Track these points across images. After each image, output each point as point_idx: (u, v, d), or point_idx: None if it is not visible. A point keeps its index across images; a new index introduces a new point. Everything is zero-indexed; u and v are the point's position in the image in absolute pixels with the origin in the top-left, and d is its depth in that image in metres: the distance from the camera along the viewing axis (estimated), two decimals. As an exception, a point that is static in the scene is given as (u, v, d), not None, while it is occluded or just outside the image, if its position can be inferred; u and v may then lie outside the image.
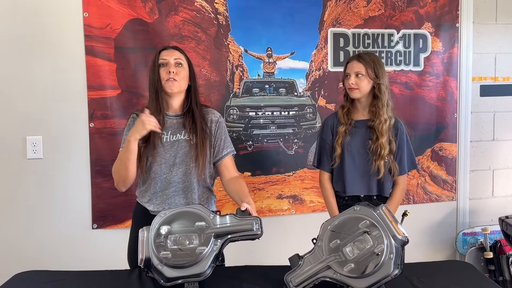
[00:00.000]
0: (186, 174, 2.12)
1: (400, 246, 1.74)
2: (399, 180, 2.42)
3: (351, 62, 2.35)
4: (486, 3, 3.44)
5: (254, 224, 1.75)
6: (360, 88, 2.32)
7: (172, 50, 2.15)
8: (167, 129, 2.12)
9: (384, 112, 2.32)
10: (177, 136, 2.12)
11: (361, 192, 2.39)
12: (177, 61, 2.11)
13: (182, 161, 2.11)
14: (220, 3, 2.96)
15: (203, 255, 1.69)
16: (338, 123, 2.42)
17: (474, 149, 3.54)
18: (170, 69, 2.07)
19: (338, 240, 1.75)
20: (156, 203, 2.12)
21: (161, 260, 1.67)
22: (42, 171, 2.80)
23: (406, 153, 2.43)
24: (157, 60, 2.11)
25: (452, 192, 3.52)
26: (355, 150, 2.37)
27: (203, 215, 1.75)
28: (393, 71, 3.29)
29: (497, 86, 3.53)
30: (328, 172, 2.47)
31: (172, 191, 2.12)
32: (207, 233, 1.72)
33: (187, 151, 2.11)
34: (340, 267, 1.70)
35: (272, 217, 3.17)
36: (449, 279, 1.91)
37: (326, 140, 2.45)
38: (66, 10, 2.76)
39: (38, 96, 2.76)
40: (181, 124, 2.14)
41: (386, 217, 1.75)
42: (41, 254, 2.81)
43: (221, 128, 2.20)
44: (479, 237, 3.49)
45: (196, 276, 1.68)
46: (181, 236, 1.71)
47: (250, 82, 3.08)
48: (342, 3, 3.17)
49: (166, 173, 2.11)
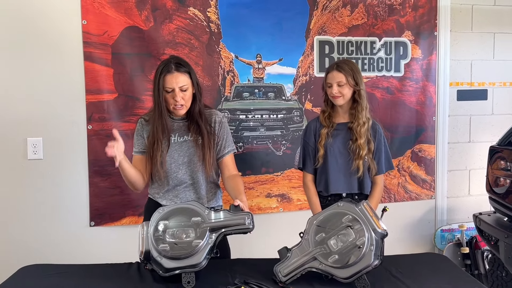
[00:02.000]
0: (194, 171, 2.26)
1: (380, 239, 1.90)
2: (377, 180, 2.57)
3: (331, 72, 2.47)
4: (462, 13, 3.64)
5: (246, 219, 1.90)
6: (344, 95, 2.46)
7: (175, 73, 2.15)
8: (174, 131, 2.25)
9: (363, 115, 2.46)
10: (184, 137, 2.26)
11: (343, 191, 2.53)
12: (182, 88, 2.15)
13: (190, 160, 2.25)
14: (212, 12, 3.11)
15: (199, 247, 1.82)
16: (320, 126, 2.55)
17: (452, 150, 3.73)
18: (176, 98, 2.14)
19: (323, 234, 1.91)
20: (169, 198, 2.27)
21: (160, 252, 1.81)
22: (42, 171, 2.91)
23: (384, 155, 2.57)
24: (161, 85, 2.14)
25: (431, 191, 3.70)
26: (337, 150, 2.51)
27: (199, 210, 1.89)
28: (375, 77, 3.47)
29: (472, 91, 3.73)
30: (311, 174, 2.60)
31: (182, 187, 2.27)
32: (203, 227, 1.86)
33: (194, 151, 2.25)
34: (325, 259, 1.86)
35: (261, 215, 3.32)
36: (425, 270, 2.08)
37: (309, 142, 2.58)
38: (66, 18, 2.88)
39: (39, 99, 2.87)
40: (187, 126, 2.27)
41: (367, 212, 1.92)
42: (42, 250, 2.91)
43: (223, 128, 2.33)
44: (456, 233, 3.68)
45: (192, 267, 1.81)
46: (178, 230, 1.85)
47: (240, 86, 3.23)
48: (328, 13, 3.34)
49: (175, 171, 2.25)
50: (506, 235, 2.56)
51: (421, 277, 1.97)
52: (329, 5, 3.33)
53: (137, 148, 2.29)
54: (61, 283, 1.84)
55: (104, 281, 1.87)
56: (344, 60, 2.60)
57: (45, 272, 1.96)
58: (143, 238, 1.84)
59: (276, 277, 1.88)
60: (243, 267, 2.04)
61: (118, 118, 2.96)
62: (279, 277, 1.88)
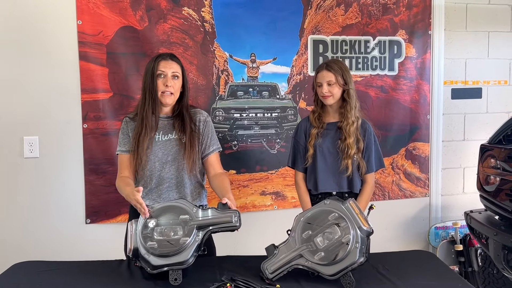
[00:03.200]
0: (178, 170, 2.28)
1: (366, 236, 1.94)
2: (368, 178, 2.59)
3: (321, 72, 2.50)
4: (456, 12, 3.66)
5: (233, 216, 1.92)
6: (333, 95, 2.48)
7: (170, 61, 2.25)
8: (159, 129, 2.28)
9: (352, 115, 2.49)
10: (168, 136, 2.28)
11: (332, 189, 2.55)
12: (174, 73, 2.23)
13: (174, 159, 2.27)
14: (207, 12, 3.14)
15: (186, 244, 1.85)
16: (311, 126, 2.58)
17: (446, 149, 3.76)
18: (167, 83, 2.21)
19: (310, 231, 1.94)
20: (152, 198, 2.27)
21: (147, 249, 1.84)
22: (39, 169, 2.95)
23: (374, 153, 2.59)
24: (156, 69, 2.21)
25: (425, 188, 3.73)
26: (326, 150, 2.54)
27: (187, 208, 1.92)
28: (369, 75, 3.50)
29: (467, 90, 3.75)
30: (302, 172, 2.64)
31: (166, 186, 2.28)
32: (190, 225, 1.89)
33: (178, 149, 2.27)
34: (312, 256, 1.90)
35: (256, 212, 3.36)
36: (412, 267, 2.11)
37: (300, 142, 2.62)
38: (61, 18, 2.92)
39: (35, 98, 2.92)
40: (171, 124, 2.30)
41: (353, 210, 1.95)
42: (38, 247, 2.95)
43: (208, 127, 2.35)
44: (450, 231, 3.70)
45: (179, 264, 1.84)
46: (167, 228, 1.88)
47: (235, 85, 3.26)
48: (322, 12, 3.36)
49: (159, 170, 2.26)
50: (495, 233, 2.59)
51: (407, 274, 2.00)
52: (323, 5, 3.35)
53: (124, 147, 2.30)
54: (52, 279, 1.88)
55: (94, 277, 1.92)
56: (333, 59, 2.63)
57: (36, 268, 2.00)
58: (131, 236, 1.88)
59: (263, 274, 1.92)
60: (231, 264, 2.08)
61: (113, 117, 3.00)
62: (266, 274, 1.91)
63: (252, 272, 1.97)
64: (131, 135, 2.27)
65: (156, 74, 2.21)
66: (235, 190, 3.30)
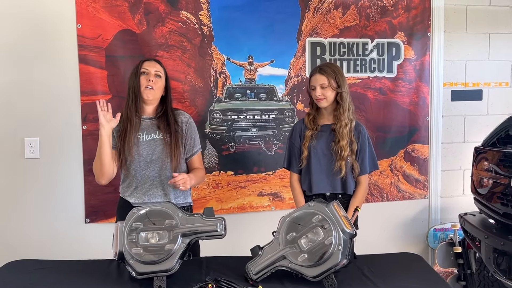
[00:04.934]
0: (162, 169, 2.37)
1: (349, 239, 1.96)
2: (361, 180, 2.62)
3: (315, 75, 2.55)
4: (456, 14, 3.65)
5: (219, 225, 1.96)
6: (327, 97, 2.53)
7: (153, 62, 2.43)
8: (142, 130, 2.39)
9: (345, 117, 2.53)
10: (152, 136, 2.38)
11: (326, 191, 2.58)
12: (156, 72, 2.39)
13: (158, 158, 2.37)
14: (204, 15, 3.19)
15: (171, 251, 1.88)
16: (306, 128, 2.62)
17: (446, 150, 3.75)
18: (150, 78, 2.35)
19: (294, 233, 1.97)
20: (137, 196, 2.38)
21: (132, 256, 1.87)
22: (39, 169, 3.02)
23: (368, 155, 2.61)
24: (140, 68, 2.37)
25: (424, 190, 3.73)
26: (320, 152, 2.57)
27: (172, 214, 1.95)
28: (368, 77, 3.51)
29: (467, 91, 3.74)
30: (297, 173, 2.68)
31: (150, 185, 2.38)
32: (175, 233, 1.91)
33: (162, 148, 2.37)
34: (295, 257, 1.93)
35: (254, 213, 3.40)
36: (397, 269, 2.13)
37: (295, 143, 2.66)
38: (61, 22, 2.98)
39: (36, 100, 2.98)
40: (155, 125, 2.41)
41: (336, 212, 1.98)
42: (38, 246, 3.03)
43: (191, 128, 2.47)
44: (449, 233, 3.70)
45: (164, 271, 1.87)
46: (152, 233, 1.91)
47: (232, 87, 3.30)
48: (319, 15, 3.38)
49: (144, 169, 2.36)
50: (486, 236, 2.59)
51: (391, 277, 2.03)
52: (321, 7, 3.38)
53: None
54: (42, 278, 1.94)
55: (83, 276, 1.97)
56: (327, 63, 2.67)
57: (29, 267, 2.06)
58: (117, 239, 1.91)
59: (248, 275, 1.96)
60: (219, 264, 2.12)
61: None
62: (250, 275, 1.95)
63: (238, 272, 2.00)
64: (116, 135, 2.38)
65: (140, 72, 2.36)
66: (232, 191, 3.34)
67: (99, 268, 2.07)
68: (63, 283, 1.92)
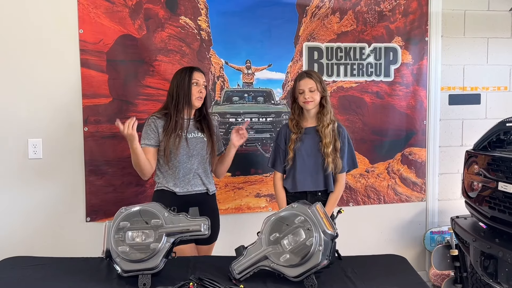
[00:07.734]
0: (202, 163, 2.72)
1: (330, 240, 2.03)
2: (339, 177, 2.79)
3: (303, 79, 2.70)
4: (454, 19, 3.68)
5: (202, 225, 2.05)
6: (315, 100, 2.69)
7: (201, 73, 2.75)
8: (185, 128, 2.68)
9: (328, 118, 2.71)
10: (193, 134, 2.71)
11: (309, 188, 2.76)
12: (204, 83, 2.73)
13: (198, 153, 2.69)
14: (203, 20, 3.27)
15: (156, 250, 1.97)
16: (290, 132, 2.77)
17: (443, 154, 3.78)
18: (200, 89, 2.68)
19: (277, 234, 2.04)
20: (181, 186, 2.66)
21: (119, 254, 1.96)
22: (42, 170, 3.12)
23: (347, 154, 2.79)
24: (191, 78, 2.67)
25: (422, 193, 3.77)
26: (304, 153, 2.74)
27: (158, 214, 2.03)
28: (365, 81, 3.56)
29: (465, 96, 3.77)
30: (280, 172, 2.84)
31: (191, 176, 2.68)
32: (160, 232, 2.00)
33: (202, 145, 2.71)
34: (277, 257, 2.00)
35: (251, 214, 3.46)
36: (380, 271, 2.19)
37: (280, 145, 2.82)
38: (64, 27, 3.08)
39: (39, 103, 3.08)
40: (196, 125, 2.74)
41: (318, 214, 2.04)
42: (40, 244, 3.12)
43: (218, 130, 2.92)
44: (446, 236, 3.73)
45: (150, 269, 1.96)
46: (138, 232, 2.00)
47: (230, 91, 3.38)
48: (317, 20, 3.44)
49: (186, 162, 2.66)
50: (474, 239, 2.62)
51: (373, 278, 2.08)
52: (318, 13, 3.43)
53: (149, 141, 2.65)
54: (33, 274, 2.03)
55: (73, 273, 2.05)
56: (310, 70, 2.82)
57: (21, 264, 2.14)
58: (105, 237, 2.00)
59: (232, 274, 2.03)
60: (205, 264, 2.19)
61: (113, 121, 3.07)
62: (234, 274, 2.02)
63: (223, 272, 2.07)
64: (160, 131, 2.65)
65: (192, 82, 2.65)
66: (230, 192, 3.42)
67: (90, 266, 2.15)
68: (52, 280, 2.00)
